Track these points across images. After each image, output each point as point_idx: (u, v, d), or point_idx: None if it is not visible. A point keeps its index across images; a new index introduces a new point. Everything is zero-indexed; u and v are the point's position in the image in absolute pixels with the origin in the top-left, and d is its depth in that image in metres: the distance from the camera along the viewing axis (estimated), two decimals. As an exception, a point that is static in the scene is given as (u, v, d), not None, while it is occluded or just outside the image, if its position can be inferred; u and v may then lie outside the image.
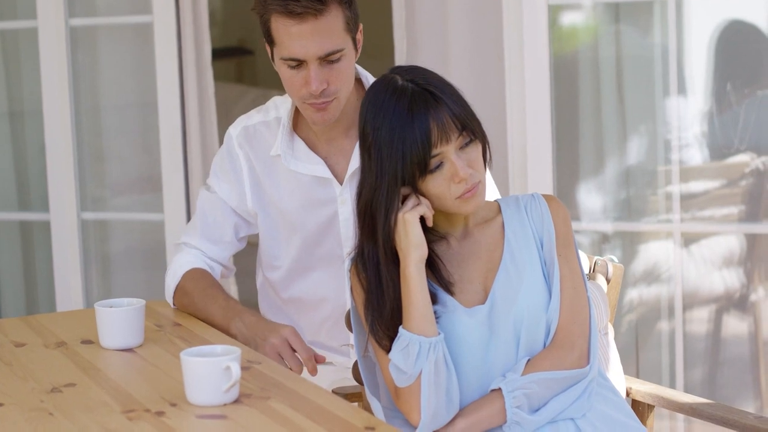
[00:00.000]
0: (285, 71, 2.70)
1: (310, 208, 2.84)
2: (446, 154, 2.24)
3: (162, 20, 4.29)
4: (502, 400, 2.28)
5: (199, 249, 2.90)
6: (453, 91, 2.29)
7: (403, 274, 2.27)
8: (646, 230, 3.93)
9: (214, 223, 2.89)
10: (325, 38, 2.63)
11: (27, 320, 2.81)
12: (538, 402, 2.30)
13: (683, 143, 3.84)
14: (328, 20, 2.63)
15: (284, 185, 2.85)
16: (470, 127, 2.27)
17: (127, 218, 4.65)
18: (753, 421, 2.41)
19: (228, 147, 2.89)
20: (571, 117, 3.98)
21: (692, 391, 3.86)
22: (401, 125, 2.23)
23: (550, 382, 2.30)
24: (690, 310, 3.91)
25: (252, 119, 2.89)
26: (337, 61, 2.66)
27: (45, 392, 2.23)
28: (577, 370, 2.32)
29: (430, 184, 2.26)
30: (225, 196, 2.88)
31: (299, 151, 2.83)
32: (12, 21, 4.69)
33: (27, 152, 4.77)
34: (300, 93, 2.69)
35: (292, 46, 2.64)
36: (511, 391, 2.27)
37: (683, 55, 3.85)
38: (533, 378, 2.29)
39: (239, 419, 2.04)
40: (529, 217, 2.40)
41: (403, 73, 2.30)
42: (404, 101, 2.24)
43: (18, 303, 4.87)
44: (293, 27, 2.63)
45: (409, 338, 2.24)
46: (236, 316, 2.66)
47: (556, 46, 3.92)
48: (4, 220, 4.82)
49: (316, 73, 2.64)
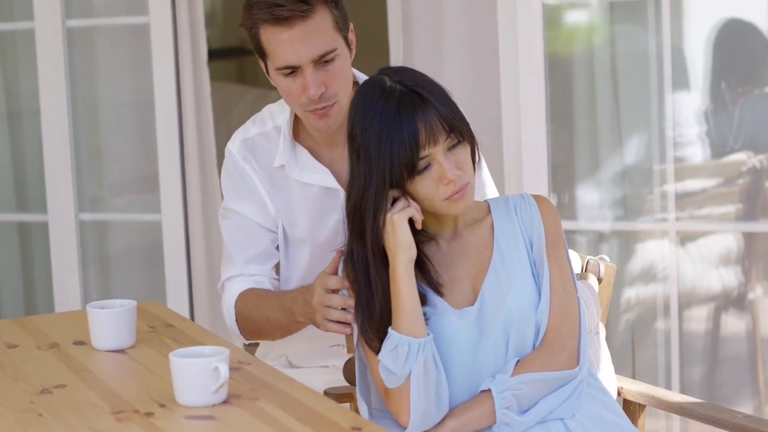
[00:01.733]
0: (281, 81, 2.66)
1: (318, 218, 2.78)
2: (434, 155, 2.24)
3: (158, 21, 4.30)
4: (491, 401, 2.28)
5: (241, 274, 2.80)
6: (441, 93, 2.29)
7: (392, 275, 2.27)
8: (642, 229, 3.93)
9: (246, 242, 2.80)
10: (316, 40, 2.60)
11: (21, 321, 2.82)
12: (528, 402, 2.31)
13: (679, 141, 3.84)
14: (316, 21, 2.60)
15: (292, 197, 2.79)
16: (458, 129, 2.27)
17: (125, 219, 4.66)
18: (742, 420, 2.42)
19: (233, 163, 2.82)
20: (567, 115, 3.98)
21: (690, 390, 3.86)
22: (389, 127, 2.23)
23: (540, 383, 2.30)
24: (687, 309, 3.91)
25: (249, 131, 2.83)
26: (332, 61, 2.63)
27: (35, 393, 2.24)
28: (567, 371, 2.32)
29: (419, 185, 2.26)
30: (248, 213, 2.80)
31: (303, 161, 2.77)
32: (9, 22, 4.69)
33: (25, 153, 4.77)
34: (299, 100, 2.65)
35: (284, 54, 2.61)
36: (500, 392, 2.28)
37: (680, 53, 3.84)
38: (523, 379, 2.29)
39: (227, 420, 2.05)
40: (518, 217, 2.40)
41: (391, 74, 2.30)
42: (392, 102, 2.24)
43: (17, 304, 4.88)
44: (283, 34, 2.60)
45: (398, 339, 2.24)
46: (292, 306, 2.59)
47: (551, 44, 3.92)
48: (2, 221, 4.83)
49: (312, 77, 2.61)
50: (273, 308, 2.66)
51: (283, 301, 2.63)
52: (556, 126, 3.94)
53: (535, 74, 3.84)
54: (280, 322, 2.65)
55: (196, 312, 4.44)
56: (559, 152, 3.96)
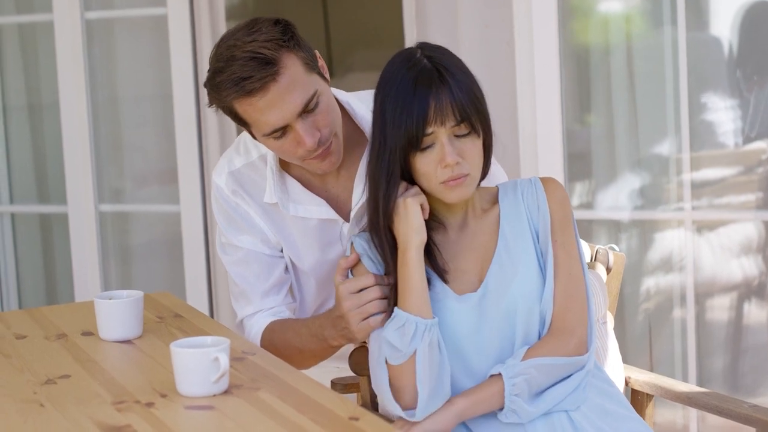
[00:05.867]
0: (273, 144, 2.48)
1: (321, 251, 2.66)
2: (439, 135, 2.24)
3: (176, 12, 4.31)
4: (502, 384, 2.27)
5: (259, 311, 2.68)
6: (466, 81, 2.28)
7: (402, 257, 2.27)
8: (658, 219, 3.91)
9: (258, 277, 2.68)
10: (295, 93, 2.42)
11: (31, 312, 2.83)
12: (537, 388, 2.30)
13: (696, 130, 3.82)
14: (288, 75, 2.40)
15: (290, 230, 2.66)
16: (470, 120, 2.26)
17: (144, 210, 4.67)
18: (747, 410, 2.41)
19: (223, 198, 2.68)
20: (583, 104, 3.97)
21: (710, 381, 3.84)
22: (404, 96, 2.24)
23: (550, 368, 2.29)
24: (706, 298, 3.89)
25: (234, 163, 2.67)
26: (317, 105, 2.45)
27: (39, 384, 2.24)
28: (576, 357, 2.31)
29: (420, 161, 2.26)
30: (251, 246, 2.67)
31: (296, 194, 2.63)
32: (29, 14, 4.72)
33: (45, 145, 4.81)
34: (297, 154, 2.49)
35: (268, 119, 2.42)
36: (511, 377, 2.27)
37: (697, 43, 3.82)
38: (533, 363, 2.28)
39: (226, 410, 2.05)
40: (525, 204, 2.38)
41: (424, 48, 2.31)
42: (412, 74, 2.25)
43: (38, 294, 4.91)
44: (260, 101, 2.40)
45: (405, 318, 2.25)
46: (323, 332, 2.51)
47: (573, 34, 3.91)
48: (23, 212, 4.86)
49: (304, 129, 2.44)
50: (302, 339, 2.58)
51: (312, 330, 2.55)
52: (578, 115, 3.93)
53: (551, 64, 3.82)
54: (314, 350, 2.57)
55: (216, 302, 4.45)
56: (574, 139, 3.95)
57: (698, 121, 3.81)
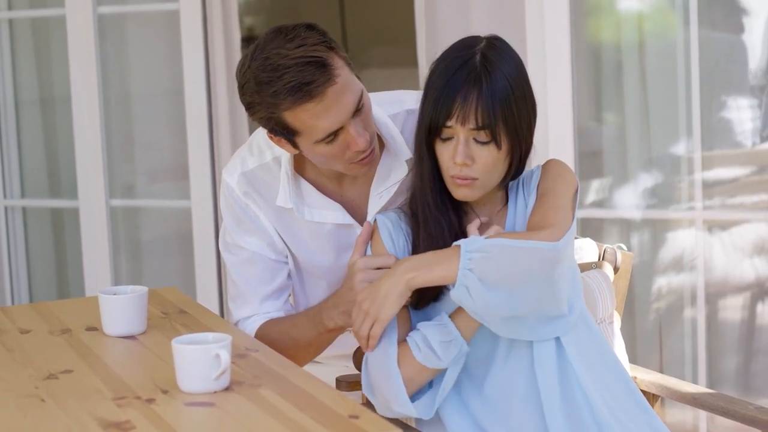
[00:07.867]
0: (322, 150, 2.42)
1: (336, 256, 2.62)
2: (457, 132, 2.23)
3: (188, 8, 4.31)
4: (457, 258, 2.16)
5: (255, 314, 2.65)
6: (505, 91, 2.21)
7: None
8: (669, 218, 3.90)
9: (260, 280, 2.65)
10: (348, 94, 2.38)
11: (37, 307, 2.83)
12: (497, 274, 2.15)
13: (712, 129, 3.80)
14: (342, 77, 2.37)
15: (302, 234, 2.62)
16: (492, 129, 2.21)
17: (155, 205, 4.68)
18: (753, 411, 2.39)
19: (233, 198, 2.63)
20: (595, 102, 3.96)
21: (720, 382, 3.82)
22: (443, 80, 2.22)
23: (513, 251, 2.15)
24: (718, 299, 3.87)
25: (247, 164, 2.62)
26: (363, 105, 2.42)
27: (41, 379, 2.24)
28: (547, 243, 2.15)
29: (439, 148, 2.27)
30: (256, 248, 2.63)
31: (311, 198, 2.59)
32: (41, 9, 4.73)
33: (57, 139, 4.81)
34: (345, 157, 2.44)
35: (324, 124, 2.37)
36: (470, 251, 2.15)
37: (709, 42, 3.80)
38: (495, 242, 2.16)
39: (227, 407, 2.04)
40: (525, 197, 2.36)
41: (488, 43, 2.27)
42: (458, 62, 2.23)
43: (49, 289, 4.92)
44: (317, 106, 2.35)
45: (455, 335, 2.24)
46: (320, 314, 2.51)
47: (588, 32, 3.90)
48: (35, 206, 4.87)
49: (356, 131, 2.40)
50: (297, 327, 2.56)
51: (310, 315, 2.54)
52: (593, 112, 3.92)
53: (563, 62, 3.81)
54: (309, 338, 2.55)
55: (226, 298, 4.44)
56: (585, 136, 3.94)
57: (716, 119, 3.79)
